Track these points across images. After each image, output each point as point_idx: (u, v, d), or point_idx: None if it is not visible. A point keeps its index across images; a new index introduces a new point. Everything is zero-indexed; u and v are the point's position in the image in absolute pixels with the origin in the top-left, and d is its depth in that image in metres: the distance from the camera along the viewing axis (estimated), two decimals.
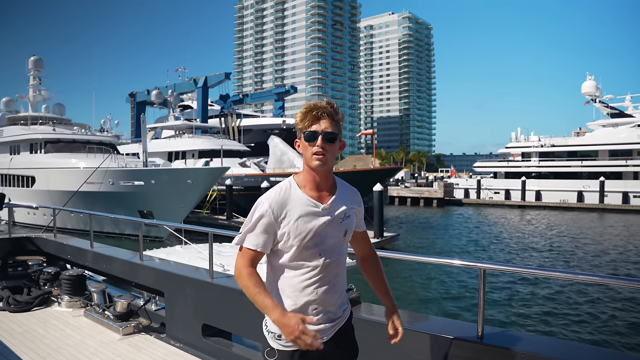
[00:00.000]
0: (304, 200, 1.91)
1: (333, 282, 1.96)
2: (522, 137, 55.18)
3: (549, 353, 2.29)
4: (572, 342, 3.37)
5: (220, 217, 31.07)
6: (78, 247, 6.06)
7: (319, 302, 1.93)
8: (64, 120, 33.95)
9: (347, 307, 2.09)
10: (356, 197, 2.07)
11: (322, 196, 1.95)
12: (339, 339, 2.00)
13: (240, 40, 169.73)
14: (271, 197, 1.92)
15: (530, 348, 2.34)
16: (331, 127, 1.89)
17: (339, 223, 1.95)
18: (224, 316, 3.87)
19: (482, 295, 2.54)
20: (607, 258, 20.75)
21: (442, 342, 2.55)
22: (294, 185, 1.95)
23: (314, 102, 1.93)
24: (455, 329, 2.65)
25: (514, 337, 2.54)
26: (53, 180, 26.51)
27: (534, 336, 2.65)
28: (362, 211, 2.11)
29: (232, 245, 10.16)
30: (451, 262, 2.88)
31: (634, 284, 2.44)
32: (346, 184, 2.08)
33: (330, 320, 1.97)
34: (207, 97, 55.34)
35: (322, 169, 1.90)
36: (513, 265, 2.75)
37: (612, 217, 38.11)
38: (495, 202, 50.41)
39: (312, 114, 1.89)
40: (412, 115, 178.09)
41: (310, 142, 1.88)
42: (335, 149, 1.93)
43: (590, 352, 2.48)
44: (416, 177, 77.39)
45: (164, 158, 38.22)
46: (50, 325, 4.72)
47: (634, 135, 45.02)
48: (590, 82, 50.46)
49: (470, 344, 2.48)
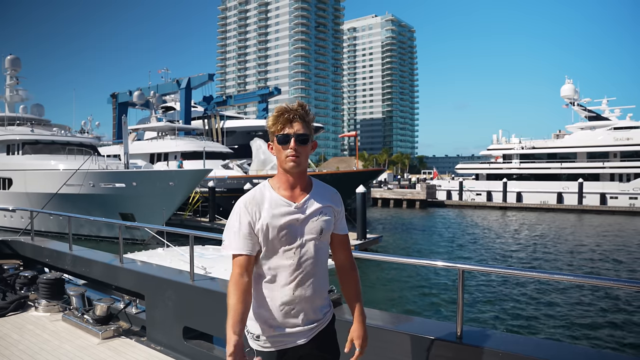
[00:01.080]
0: (277, 199, 1.93)
1: (310, 283, 1.95)
2: (504, 139, 56.02)
3: (528, 352, 2.33)
4: (550, 341, 3.42)
5: (203, 219, 30.82)
6: (56, 250, 5.94)
7: (295, 302, 1.93)
8: (42, 121, 33.23)
9: (329, 310, 2.08)
10: (334, 197, 2.06)
11: (296, 195, 1.96)
12: (320, 341, 1.99)
13: (223, 41, 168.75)
14: (245, 199, 1.96)
15: (509, 347, 2.37)
16: (303, 129, 1.91)
17: (314, 221, 1.95)
18: (205, 319, 3.83)
19: (460, 295, 2.57)
20: (584, 257, 21.19)
21: (422, 342, 2.56)
22: (268, 187, 1.98)
23: (285, 104, 1.95)
24: (435, 329, 2.67)
25: (493, 336, 2.57)
26: (31, 182, 25.96)
27: (513, 335, 2.68)
28: (341, 212, 2.08)
29: (214, 248, 10.09)
30: (431, 263, 2.90)
31: (609, 283, 2.49)
32: (324, 185, 2.07)
33: (309, 322, 1.96)
34: (190, 99, 54.91)
35: (296, 170, 1.92)
36: (490, 265, 2.79)
37: (590, 218, 38.91)
38: (477, 203, 51.01)
39: (283, 117, 1.91)
40: (395, 117, 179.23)
41: (284, 144, 1.90)
42: (308, 150, 1.95)
43: (568, 350, 2.52)
44: (399, 179, 77.85)
45: (145, 160, 37.77)
46: (26, 331, 4.61)
47: (610, 137, 46.11)
48: (569, 85, 51.53)
49: (449, 344, 2.51)
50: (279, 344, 1.94)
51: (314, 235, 1.95)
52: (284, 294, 1.92)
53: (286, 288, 1.92)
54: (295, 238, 1.92)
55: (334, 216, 2.03)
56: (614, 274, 18.15)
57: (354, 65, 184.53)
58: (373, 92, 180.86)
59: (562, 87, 52.02)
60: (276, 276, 1.93)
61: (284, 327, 1.93)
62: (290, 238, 1.91)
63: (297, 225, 1.92)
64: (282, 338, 1.94)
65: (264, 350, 1.94)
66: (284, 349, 1.94)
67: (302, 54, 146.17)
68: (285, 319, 1.93)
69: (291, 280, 1.92)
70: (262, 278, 1.95)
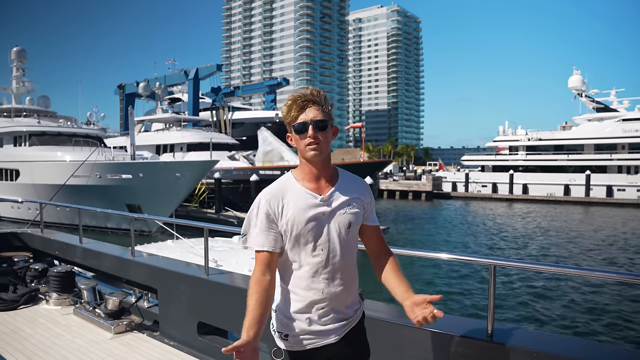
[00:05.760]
0: (301, 191, 1.83)
1: (340, 280, 1.85)
2: (510, 130, 55.68)
3: (561, 351, 2.23)
4: (585, 340, 3.31)
5: (209, 210, 30.84)
6: (66, 242, 5.87)
7: (326, 301, 1.84)
8: (49, 113, 33.28)
9: (360, 307, 1.98)
10: (362, 188, 1.95)
11: (321, 187, 1.86)
12: (350, 339, 1.90)
13: (228, 32, 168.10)
14: (267, 192, 1.86)
15: (541, 346, 2.27)
16: (320, 115, 1.80)
17: (341, 214, 1.85)
18: (220, 314, 3.76)
19: (492, 291, 2.47)
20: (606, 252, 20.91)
21: (451, 340, 2.47)
22: (292, 178, 1.88)
23: (297, 92, 1.83)
24: (464, 326, 2.57)
25: (525, 334, 2.47)
26: (38, 174, 26.02)
27: (545, 334, 2.57)
28: (371, 203, 1.97)
29: (224, 240, 10.01)
30: (462, 258, 2.80)
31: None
32: (351, 175, 1.97)
33: (339, 320, 1.87)
34: (198, 90, 54.61)
35: (318, 158, 1.82)
36: (524, 261, 2.67)
37: (598, 210, 38.61)
38: (483, 195, 50.79)
39: (296, 105, 1.80)
40: (401, 108, 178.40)
41: (301, 133, 1.80)
42: (329, 137, 1.84)
43: (604, 349, 2.42)
44: (404, 170, 77.64)
45: (152, 151, 37.77)
46: (38, 325, 4.55)
47: (618, 129, 45.63)
48: (577, 76, 50.96)
49: (480, 342, 2.41)
50: (310, 343, 1.85)
51: (342, 229, 1.84)
52: (313, 292, 1.83)
53: (315, 285, 1.83)
54: (322, 233, 1.82)
55: (362, 208, 1.92)
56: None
57: (360, 56, 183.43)
58: (378, 83, 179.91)
59: (569, 78, 51.48)
60: (303, 273, 1.83)
61: (314, 325, 1.84)
62: (317, 233, 1.81)
63: (323, 218, 1.82)
64: (312, 337, 1.85)
65: (293, 349, 1.85)
66: (314, 348, 1.85)
67: (307, 45, 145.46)
68: (316, 317, 1.84)
69: (320, 277, 1.83)
70: (288, 275, 1.86)
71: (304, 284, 1.83)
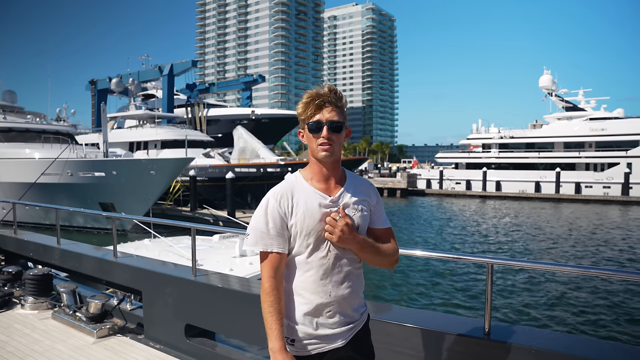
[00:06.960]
0: (311, 192, 1.80)
1: (347, 283, 1.83)
2: (483, 128, 56.71)
3: (557, 348, 2.26)
4: (581, 337, 3.38)
5: (184, 208, 30.40)
6: (42, 244, 5.66)
7: (333, 304, 1.81)
8: (15, 109, 32.07)
9: (365, 310, 1.96)
10: (370, 189, 1.94)
11: (330, 188, 1.84)
12: (357, 343, 1.88)
13: (202, 28, 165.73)
14: (276, 191, 1.82)
15: (538, 343, 2.30)
16: (337, 116, 1.79)
17: (350, 216, 1.83)
18: (208, 315, 3.69)
19: (489, 290, 2.49)
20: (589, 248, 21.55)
21: (449, 338, 2.48)
22: (300, 178, 1.85)
23: (315, 89, 1.81)
24: (461, 325, 2.58)
25: (522, 332, 2.50)
26: (5, 172, 25.09)
27: (542, 331, 2.61)
28: (377, 204, 1.95)
29: (203, 238, 9.83)
30: (460, 257, 2.81)
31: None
32: (358, 177, 1.96)
33: (345, 324, 1.85)
34: (172, 86, 53.61)
35: (330, 160, 1.80)
36: (522, 260, 2.70)
37: (567, 207, 39.74)
38: (457, 192, 51.60)
39: (314, 103, 1.77)
40: (375, 106, 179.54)
41: (315, 133, 1.78)
42: (342, 138, 1.83)
43: (600, 346, 2.46)
44: (379, 167, 78.21)
45: (125, 148, 36.95)
46: (14, 330, 4.37)
47: (585, 128, 47.06)
48: (547, 76, 52.24)
49: (477, 340, 2.43)
50: (316, 347, 1.82)
51: None
52: (321, 295, 1.80)
53: (323, 288, 1.79)
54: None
55: (369, 210, 1.91)
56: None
57: (334, 54, 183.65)
58: (353, 81, 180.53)
59: (540, 77, 52.72)
60: (311, 276, 1.80)
61: (321, 329, 1.81)
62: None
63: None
64: (318, 342, 1.81)
65: (300, 355, 1.82)
66: (321, 353, 1.82)
67: (282, 42, 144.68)
68: (323, 321, 1.81)
69: (327, 279, 1.80)
70: (294, 278, 1.82)
71: (311, 286, 1.80)
